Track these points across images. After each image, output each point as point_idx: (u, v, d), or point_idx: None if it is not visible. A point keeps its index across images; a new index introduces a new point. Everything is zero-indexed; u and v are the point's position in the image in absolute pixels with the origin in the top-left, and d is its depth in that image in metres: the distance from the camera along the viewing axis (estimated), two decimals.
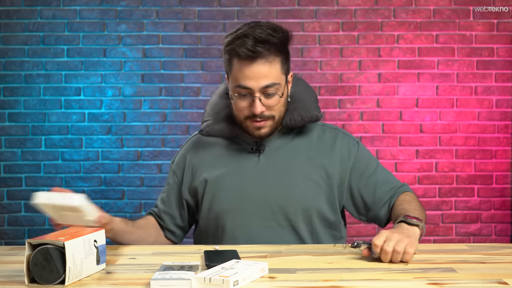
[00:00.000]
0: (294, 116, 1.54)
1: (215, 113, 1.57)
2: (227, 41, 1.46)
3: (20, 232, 3.12)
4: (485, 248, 1.35)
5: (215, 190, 1.55)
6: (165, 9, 3.12)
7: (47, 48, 3.12)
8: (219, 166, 1.57)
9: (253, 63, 1.42)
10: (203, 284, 1.01)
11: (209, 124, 1.56)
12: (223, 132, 1.55)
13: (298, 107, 1.55)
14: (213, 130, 1.55)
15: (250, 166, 1.55)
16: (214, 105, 1.60)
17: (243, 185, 1.53)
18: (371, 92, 3.13)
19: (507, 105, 3.13)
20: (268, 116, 1.48)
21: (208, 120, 1.57)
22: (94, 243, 1.13)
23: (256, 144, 1.56)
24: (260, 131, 1.50)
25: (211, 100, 1.63)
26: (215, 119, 1.56)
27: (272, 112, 1.48)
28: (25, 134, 3.12)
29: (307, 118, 1.53)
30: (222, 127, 1.55)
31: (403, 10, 3.13)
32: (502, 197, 3.13)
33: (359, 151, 1.59)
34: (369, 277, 1.09)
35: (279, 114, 1.50)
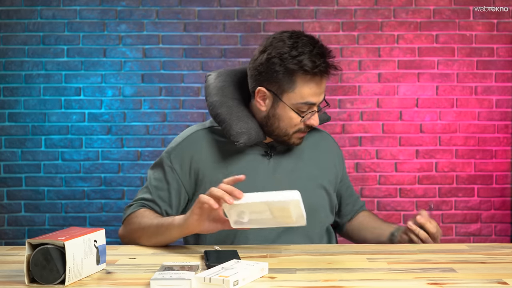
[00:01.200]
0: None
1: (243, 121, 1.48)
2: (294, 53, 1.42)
3: (20, 232, 3.12)
4: (485, 248, 1.36)
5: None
6: (165, 9, 3.12)
7: (47, 48, 3.12)
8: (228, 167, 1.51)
9: (321, 79, 1.45)
10: (203, 284, 1.01)
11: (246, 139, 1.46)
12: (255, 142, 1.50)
13: None
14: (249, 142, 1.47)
15: (261, 169, 1.53)
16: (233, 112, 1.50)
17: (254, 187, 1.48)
18: (371, 92, 3.13)
19: (507, 105, 3.13)
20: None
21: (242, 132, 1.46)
22: (94, 243, 1.13)
23: (267, 146, 1.56)
24: (301, 140, 1.53)
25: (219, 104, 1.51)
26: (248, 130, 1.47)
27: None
28: (25, 134, 3.12)
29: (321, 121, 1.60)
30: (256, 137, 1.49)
31: (403, 10, 3.13)
32: (502, 197, 3.13)
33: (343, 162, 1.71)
34: (369, 277, 1.09)
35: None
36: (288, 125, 1.48)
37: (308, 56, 1.41)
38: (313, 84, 1.43)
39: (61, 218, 3.11)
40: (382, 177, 3.12)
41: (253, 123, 1.50)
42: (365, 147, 3.12)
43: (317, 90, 1.44)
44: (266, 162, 1.54)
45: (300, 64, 1.41)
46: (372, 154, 3.13)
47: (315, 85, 1.43)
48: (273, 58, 1.43)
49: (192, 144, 1.54)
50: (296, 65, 1.41)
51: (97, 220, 3.11)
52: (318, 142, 1.63)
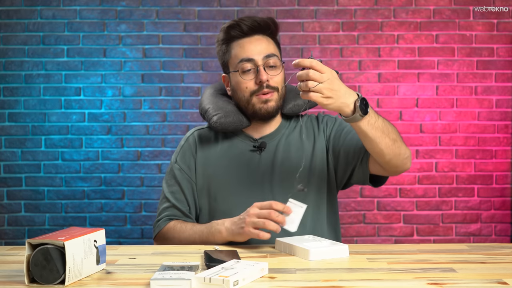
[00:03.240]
0: (298, 101, 1.61)
1: (221, 107, 1.59)
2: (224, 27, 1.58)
3: (20, 232, 3.12)
4: (485, 248, 1.35)
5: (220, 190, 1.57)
6: (165, 9, 3.12)
7: (47, 48, 3.12)
8: (223, 165, 1.58)
9: (253, 36, 1.56)
10: (203, 284, 1.01)
11: (220, 117, 1.56)
12: (235, 124, 1.57)
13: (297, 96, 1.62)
14: (226, 122, 1.56)
15: (253, 164, 1.57)
16: (216, 102, 1.62)
17: (247, 183, 1.55)
18: (371, 92, 3.13)
19: (507, 105, 3.13)
20: (273, 87, 1.54)
21: (218, 114, 1.57)
22: (94, 243, 1.13)
23: (257, 142, 1.60)
24: (268, 105, 1.54)
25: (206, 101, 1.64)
26: (225, 112, 1.57)
27: (275, 83, 1.55)
28: (25, 134, 3.12)
29: (310, 103, 1.58)
30: (234, 119, 1.57)
31: (403, 10, 3.13)
32: (502, 197, 3.13)
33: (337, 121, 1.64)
34: (369, 277, 1.09)
35: (281, 88, 1.57)
36: (241, 90, 1.56)
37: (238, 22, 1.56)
38: (243, 42, 1.56)
39: (61, 218, 3.11)
40: None
41: (232, 108, 1.60)
42: None
43: (249, 45, 1.55)
44: (256, 156, 1.59)
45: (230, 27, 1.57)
46: None
47: (245, 42, 1.55)
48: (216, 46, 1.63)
49: (193, 144, 1.64)
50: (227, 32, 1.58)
51: (97, 220, 3.11)
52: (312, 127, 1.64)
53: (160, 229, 1.58)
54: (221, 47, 1.60)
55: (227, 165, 1.58)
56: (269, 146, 1.60)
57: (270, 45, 1.57)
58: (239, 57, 1.55)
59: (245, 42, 1.55)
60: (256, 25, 1.55)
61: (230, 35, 1.57)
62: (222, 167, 1.58)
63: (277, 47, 1.60)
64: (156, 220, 1.61)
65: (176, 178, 1.61)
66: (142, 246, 1.43)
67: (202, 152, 1.61)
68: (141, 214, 3.12)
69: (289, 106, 1.61)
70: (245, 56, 1.54)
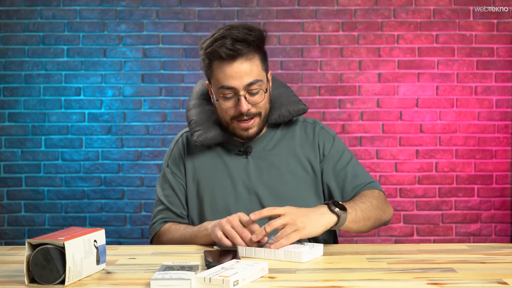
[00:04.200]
0: (282, 111, 1.57)
1: (204, 121, 1.57)
2: (206, 45, 1.49)
3: (20, 232, 3.12)
4: (485, 248, 1.35)
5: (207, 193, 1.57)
6: (165, 9, 3.12)
7: (47, 48, 3.12)
8: (210, 168, 1.59)
9: (234, 62, 1.45)
10: (203, 284, 1.01)
11: (201, 134, 1.55)
12: (216, 140, 1.55)
13: (284, 102, 1.59)
14: (206, 139, 1.54)
15: (240, 168, 1.56)
16: (199, 113, 1.59)
17: (234, 186, 1.55)
18: (371, 92, 3.13)
19: (507, 105, 3.13)
20: (255, 113, 1.50)
21: (199, 130, 1.56)
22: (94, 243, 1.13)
23: (243, 146, 1.58)
24: (248, 132, 1.52)
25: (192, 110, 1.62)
26: (205, 127, 1.56)
27: (258, 109, 1.51)
28: (25, 134, 3.12)
29: (295, 112, 1.57)
30: (215, 134, 1.55)
31: (403, 10, 3.13)
32: (502, 197, 3.13)
33: (333, 146, 1.60)
34: (369, 277, 1.09)
35: (265, 111, 1.53)
36: (221, 113, 1.52)
37: (220, 42, 1.45)
38: (224, 67, 1.46)
39: (61, 218, 3.11)
40: (382, 177, 3.12)
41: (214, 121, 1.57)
42: (365, 147, 3.12)
43: (230, 72, 1.45)
44: (243, 160, 1.57)
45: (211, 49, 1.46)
46: (372, 154, 3.13)
47: (227, 68, 1.45)
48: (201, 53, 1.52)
49: (182, 147, 1.64)
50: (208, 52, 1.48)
51: (97, 220, 3.11)
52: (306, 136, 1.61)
53: (155, 232, 1.59)
54: (204, 60, 1.52)
55: (214, 169, 1.58)
56: (256, 150, 1.58)
57: (253, 69, 1.46)
58: (220, 83, 1.47)
59: (226, 68, 1.45)
60: (238, 51, 1.44)
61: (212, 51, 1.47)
62: (210, 170, 1.58)
63: (262, 63, 1.50)
64: (152, 223, 1.62)
65: (169, 182, 1.61)
66: (142, 246, 1.43)
67: (191, 156, 1.61)
68: (141, 214, 3.12)
69: (274, 117, 1.57)
70: (226, 83, 1.46)
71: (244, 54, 1.45)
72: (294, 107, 1.58)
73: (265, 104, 1.52)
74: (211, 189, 1.57)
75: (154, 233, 1.59)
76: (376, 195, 1.51)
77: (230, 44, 1.43)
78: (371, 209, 1.44)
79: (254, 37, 1.46)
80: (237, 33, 1.44)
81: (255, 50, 1.47)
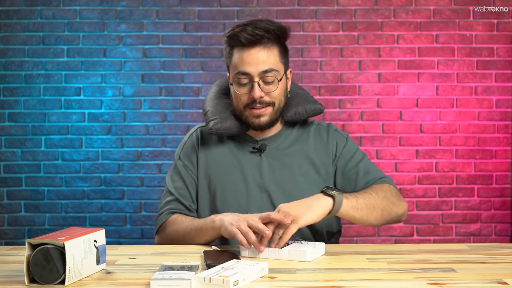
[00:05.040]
0: (299, 109, 1.59)
1: (220, 112, 1.58)
2: (228, 31, 1.52)
3: (20, 232, 3.12)
4: (485, 248, 1.35)
5: (219, 188, 1.57)
6: (165, 9, 3.12)
7: (47, 48, 3.12)
8: (223, 164, 1.59)
9: (252, 48, 1.48)
10: (203, 284, 1.01)
11: (216, 122, 1.56)
12: (232, 130, 1.56)
13: (301, 101, 1.60)
14: (221, 128, 1.55)
15: (253, 166, 1.57)
16: (216, 105, 1.61)
17: (246, 184, 1.55)
18: (371, 92, 3.13)
19: (507, 105, 3.13)
20: (268, 102, 1.51)
21: (215, 119, 1.56)
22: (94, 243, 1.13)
23: (257, 143, 1.59)
24: (260, 119, 1.53)
25: (208, 102, 1.64)
26: (222, 118, 1.56)
27: (271, 98, 1.51)
28: (25, 134, 3.12)
29: (311, 111, 1.59)
30: (230, 124, 1.55)
31: (403, 10, 3.13)
32: (502, 197, 3.13)
33: (346, 146, 1.61)
34: (369, 277, 1.09)
35: (278, 102, 1.53)
36: (236, 100, 1.54)
37: (241, 27, 1.49)
38: (243, 53, 1.49)
39: (61, 218, 3.11)
40: None
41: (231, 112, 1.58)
42: (365, 147, 3.12)
43: (247, 58, 1.48)
44: (256, 158, 1.58)
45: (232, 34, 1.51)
46: (372, 154, 3.13)
47: (244, 53, 1.49)
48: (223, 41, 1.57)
49: (196, 141, 1.64)
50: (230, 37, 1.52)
51: (97, 220, 3.11)
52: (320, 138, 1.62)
53: (162, 222, 1.57)
54: (226, 48, 1.56)
55: (227, 164, 1.58)
56: (270, 148, 1.59)
57: (270, 58, 1.49)
58: (236, 68, 1.50)
59: (244, 53, 1.49)
60: (257, 36, 1.47)
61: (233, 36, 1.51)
62: (223, 166, 1.58)
63: (281, 56, 1.53)
64: (159, 214, 1.61)
65: (180, 174, 1.61)
66: (142, 246, 1.43)
67: (204, 150, 1.61)
68: (141, 214, 3.12)
69: (290, 114, 1.59)
70: (242, 69, 1.49)
71: (263, 42, 1.48)
72: (311, 106, 1.59)
73: (279, 95, 1.53)
74: (222, 185, 1.56)
75: (160, 223, 1.57)
76: (386, 188, 1.50)
77: (251, 30, 1.47)
78: (376, 199, 1.43)
79: (276, 28, 1.50)
80: (259, 23, 1.49)
81: (274, 40, 1.51)
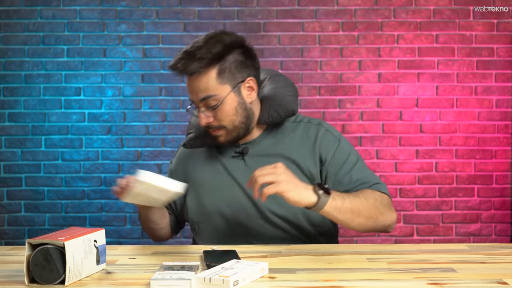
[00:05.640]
0: (271, 113, 1.55)
1: (198, 124, 1.61)
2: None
3: (20, 232, 3.12)
4: (485, 248, 1.35)
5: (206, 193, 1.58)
6: (165, 9, 3.12)
7: (47, 48, 3.12)
8: (207, 170, 1.60)
9: (190, 77, 1.47)
10: (203, 284, 1.01)
11: (191, 137, 1.61)
12: (205, 145, 1.60)
13: (274, 104, 1.55)
14: (195, 143, 1.60)
15: (238, 169, 1.56)
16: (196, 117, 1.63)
17: (230, 187, 1.56)
18: (371, 92, 3.13)
19: (507, 105, 3.13)
20: (217, 126, 1.50)
21: (191, 133, 1.62)
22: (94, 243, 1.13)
23: (239, 147, 1.58)
24: (219, 139, 1.53)
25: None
26: (197, 131, 1.60)
27: (220, 122, 1.49)
28: (25, 134, 3.12)
29: (284, 114, 1.54)
30: (204, 140, 1.59)
31: (403, 10, 3.13)
32: (502, 197, 3.13)
33: (338, 149, 1.55)
34: (369, 277, 1.09)
35: (231, 122, 1.49)
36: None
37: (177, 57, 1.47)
38: (187, 80, 1.49)
39: (61, 218, 3.11)
40: (382, 177, 3.12)
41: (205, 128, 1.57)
42: (365, 147, 3.12)
43: (188, 87, 1.49)
44: (240, 161, 1.57)
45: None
46: (372, 154, 3.13)
47: (187, 81, 1.49)
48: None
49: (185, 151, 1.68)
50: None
51: (97, 220, 3.11)
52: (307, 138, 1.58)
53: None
54: None
55: (211, 170, 1.59)
56: (253, 151, 1.57)
57: (206, 84, 1.45)
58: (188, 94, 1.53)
59: (187, 81, 1.49)
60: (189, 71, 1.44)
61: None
62: (207, 172, 1.59)
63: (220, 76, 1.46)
64: None
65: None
66: (142, 246, 1.43)
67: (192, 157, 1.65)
68: None
69: (264, 118, 1.55)
70: (189, 95, 1.51)
71: (194, 71, 1.44)
72: (283, 108, 1.54)
73: (227, 116, 1.48)
74: (209, 191, 1.57)
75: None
76: (377, 196, 1.45)
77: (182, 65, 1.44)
78: (363, 204, 1.38)
79: (207, 50, 1.44)
80: (190, 48, 1.45)
81: (208, 65, 1.44)
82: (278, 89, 1.61)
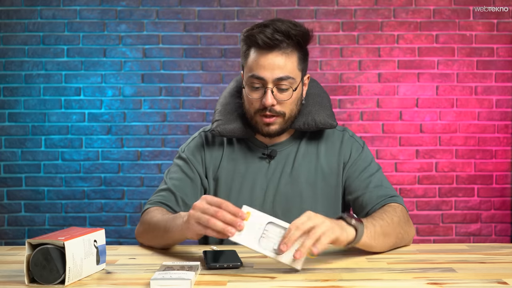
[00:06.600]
0: (309, 120, 1.50)
1: (228, 113, 1.52)
2: (247, 29, 1.44)
3: (20, 232, 3.12)
4: (485, 248, 1.35)
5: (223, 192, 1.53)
6: (165, 9, 3.12)
7: (47, 48, 3.12)
8: (229, 168, 1.54)
9: (270, 53, 1.40)
10: None
11: (220, 124, 1.50)
12: (235, 133, 1.50)
13: (313, 111, 1.51)
14: (224, 130, 1.50)
15: (261, 172, 1.52)
16: (226, 105, 1.55)
17: (251, 190, 1.52)
18: (371, 92, 3.13)
19: (507, 105, 3.13)
20: (278, 112, 1.44)
21: (219, 120, 1.51)
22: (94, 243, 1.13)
23: (267, 149, 1.54)
24: (269, 128, 1.46)
25: (221, 99, 1.58)
26: (227, 119, 1.51)
27: (283, 108, 1.44)
28: (25, 134, 3.12)
29: (321, 124, 1.50)
30: (235, 127, 1.50)
31: (403, 10, 3.13)
32: (502, 197, 3.13)
33: (361, 155, 1.54)
34: (369, 277, 1.09)
35: (290, 112, 1.46)
36: (248, 103, 1.47)
37: (260, 29, 1.40)
38: (259, 56, 1.41)
39: (61, 218, 3.11)
40: None
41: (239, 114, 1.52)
42: None
43: (263, 62, 1.40)
44: (265, 164, 1.53)
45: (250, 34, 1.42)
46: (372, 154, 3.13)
47: (261, 57, 1.40)
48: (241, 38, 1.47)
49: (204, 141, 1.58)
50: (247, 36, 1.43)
51: (97, 220, 3.11)
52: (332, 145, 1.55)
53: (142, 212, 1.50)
54: (242, 46, 1.47)
55: (234, 169, 1.53)
56: (280, 155, 1.53)
57: (287, 64, 1.40)
58: (251, 70, 1.42)
59: (260, 56, 1.40)
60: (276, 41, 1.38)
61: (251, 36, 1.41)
62: (229, 170, 1.54)
63: (300, 62, 1.44)
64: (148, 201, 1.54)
65: (180, 167, 1.55)
66: (142, 246, 1.43)
67: (211, 151, 1.56)
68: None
69: (299, 124, 1.50)
70: (256, 73, 1.40)
71: (282, 47, 1.40)
72: (321, 119, 1.49)
73: (291, 105, 1.44)
74: (227, 190, 1.53)
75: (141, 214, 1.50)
76: (399, 212, 1.39)
77: (270, 33, 1.38)
78: (391, 226, 1.32)
79: (298, 32, 1.40)
80: (281, 25, 1.40)
81: (294, 46, 1.41)
82: (317, 97, 1.56)
